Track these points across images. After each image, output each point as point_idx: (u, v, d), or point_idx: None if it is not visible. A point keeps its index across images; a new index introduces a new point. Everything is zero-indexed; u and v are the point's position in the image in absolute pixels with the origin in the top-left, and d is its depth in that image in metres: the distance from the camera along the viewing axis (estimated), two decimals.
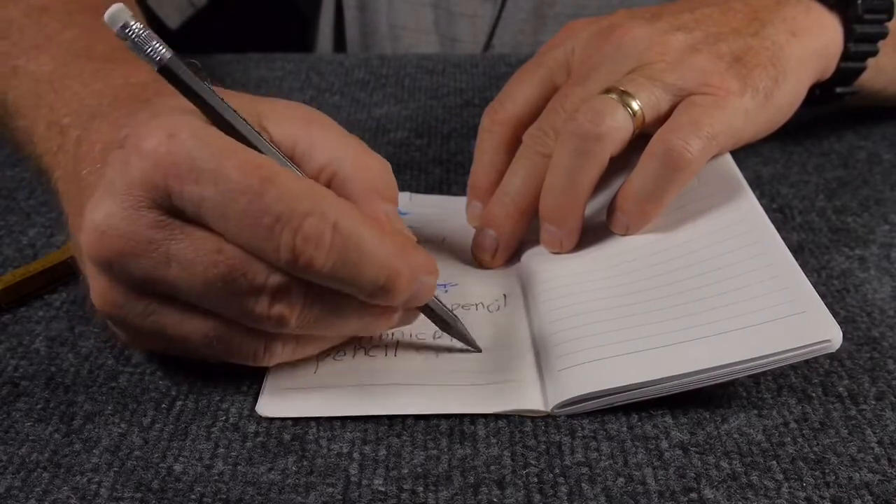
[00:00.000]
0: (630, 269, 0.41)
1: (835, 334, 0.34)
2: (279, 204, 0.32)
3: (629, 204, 0.42)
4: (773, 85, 0.45)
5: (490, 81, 0.66)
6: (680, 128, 0.42)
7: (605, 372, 0.36)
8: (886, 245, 0.47)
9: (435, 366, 0.38)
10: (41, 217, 0.49)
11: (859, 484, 0.33)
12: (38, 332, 0.40)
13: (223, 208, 0.32)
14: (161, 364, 0.38)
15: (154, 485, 0.33)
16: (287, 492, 0.33)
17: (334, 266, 0.32)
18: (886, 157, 0.56)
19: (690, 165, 0.41)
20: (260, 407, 0.36)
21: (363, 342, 0.39)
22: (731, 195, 0.43)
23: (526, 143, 0.44)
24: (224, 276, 0.33)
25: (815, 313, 0.35)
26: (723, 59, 0.44)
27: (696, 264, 0.40)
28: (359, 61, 0.70)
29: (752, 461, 0.34)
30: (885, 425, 0.36)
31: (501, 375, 0.37)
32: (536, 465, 0.34)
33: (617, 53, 0.45)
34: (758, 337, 0.35)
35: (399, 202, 0.47)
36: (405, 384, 0.37)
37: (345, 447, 0.34)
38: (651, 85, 0.43)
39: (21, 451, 0.34)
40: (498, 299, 0.42)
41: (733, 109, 0.43)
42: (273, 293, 0.33)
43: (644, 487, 0.33)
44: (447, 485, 0.33)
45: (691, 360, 0.35)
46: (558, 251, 0.44)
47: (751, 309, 0.36)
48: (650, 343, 0.37)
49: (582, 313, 0.39)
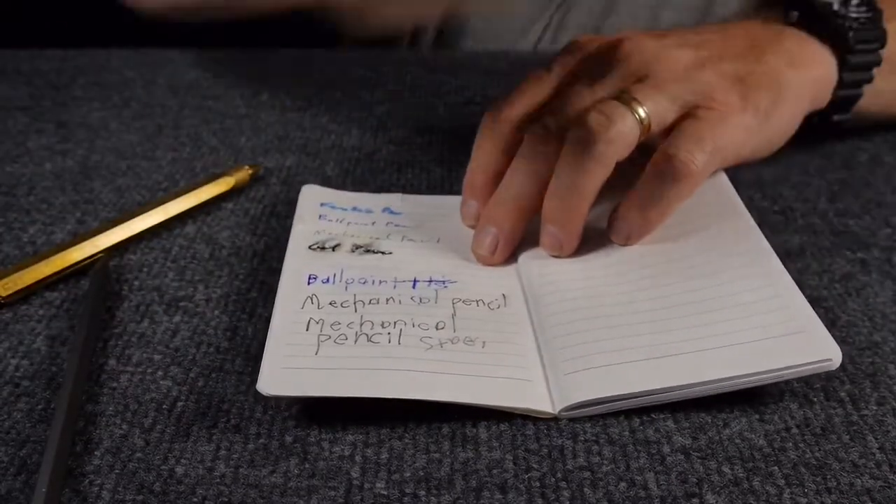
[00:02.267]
0: (631, 277, 0.42)
1: (835, 353, 0.36)
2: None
3: (633, 212, 0.43)
4: (772, 106, 0.46)
5: (491, 79, 0.66)
6: (685, 140, 0.42)
7: (613, 378, 0.36)
8: (888, 248, 0.47)
9: (437, 355, 0.38)
10: (41, 214, 0.49)
11: (861, 490, 0.33)
12: (39, 331, 0.40)
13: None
14: (162, 364, 0.38)
15: (156, 487, 0.33)
16: (289, 495, 0.32)
17: None
18: (888, 159, 0.56)
19: (694, 177, 0.42)
20: (260, 385, 0.35)
21: (364, 327, 0.39)
22: (727, 214, 0.45)
23: (528, 142, 0.44)
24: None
25: (815, 332, 0.37)
26: (727, 78, 0.45)
27: (696, 279, 0.41)
28: (360, 57, 0.70)
29: (754, 466, 0.34)
30: (886, 431, 0.36)
31: (507, 371, 0.37)
32: (538, 469, 0.34)
33: (626, 62, 0.46)
34: (762, 352, 0.36)
35: (391, 203, 0.49)
36: (406, 370, 0.37)
37: (347, 450, 0.34)
38: (659, 95, 0.44)
39: (21, 452, 0.34)
40: (497, 298, 0.42)
41: (735, 125, 0.44)
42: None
43: (646, 492, 0.33)
44: (449, 489, 0.33)
45: (696, 371, 0.36)
46: (558, 255, 0.44)
47: (754, 325, 0.37)
48: (657, 352, 0.37)
49: (586, 318, 0.39)
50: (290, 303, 0.40)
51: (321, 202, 0.48)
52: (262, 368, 0.36)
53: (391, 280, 0.42)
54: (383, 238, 0.46)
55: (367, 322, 0.39)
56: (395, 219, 0.48)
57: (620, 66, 0.46)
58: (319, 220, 0.47)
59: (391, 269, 0.43)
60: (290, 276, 0.42)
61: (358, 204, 0.49)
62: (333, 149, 0.57)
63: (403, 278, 0.42)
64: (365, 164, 0.54)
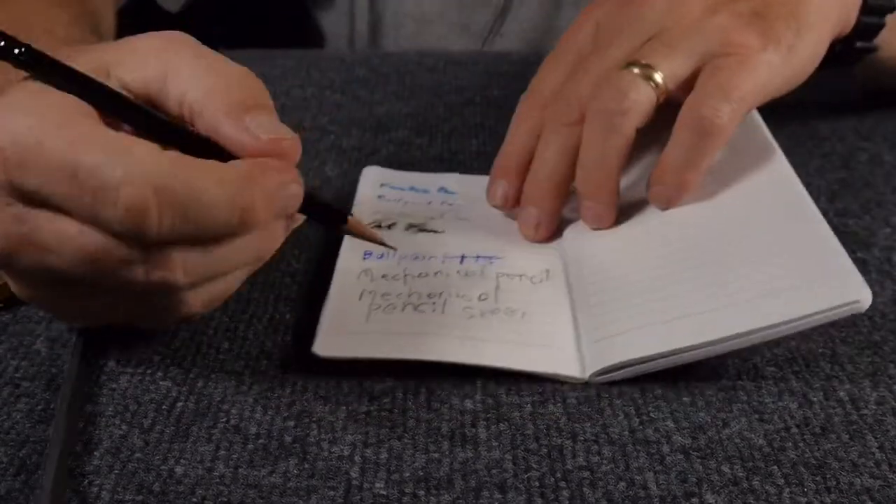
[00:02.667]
0: (666, 240, 0.43)
1: (864, 295, 0.36)
2: (92, 180, 0.31)
3: (668, 176, 0.43)
4: (794, 37, 0.45)
5: (492, 79, 0.66)
6: (708, 95, 0.42)
7: (645, 339, 0.37)
8: (888, 248, 0.47)
9: (478, 324, 0.40)
10: None
11: (860, 489, 0.33)
12: (39, 332, 0.40)
13: (52, 193, 0.31)
14: (161, 365, 0.38)
15: (155, 487, 0.33)
16: (288, 495, 0.32)
17: (174, 225, 0.31)
18: (888, 158, 0.56)
19: (722, 131, 0.42)
20: (317, 347, 0.38)
21: (412, 297, 0.41)
22: (761, 159, 0.44)
23: (550, 118, 0.45)
24: (91, 255, 0.32)
25: (846, 275, 0.37)
26: (742, 17, 0.44)
27: (730, 232, 0.41)
28: (360, 58, 0.70)
29: (754, 466, 0.34)
30: (886, 430, 0.36)
31: (540, 339, 0.39)
32: (538, 468, 0.34)
33: (636, 21, 0.45)
34: (790, 300, 0.36)
35: (447, 183, 0.51)
36: (449, 336, 0.39)
37: (346, 450, 0.34)
38: (671, 53, 0.43)
39: (21, 452, 0.34)
40: (540, 273, 0.43)
41: (757, 67, 0.43)
42: (144, 261, 0.32)
43: (645, 492, 0.33)
44: (448, 488, 0.33)
45: (727, 326, 0.36)
46: (598, 227, 0.45)
47: (784, 273, 0.38)
48: (687, 310, 0.38)
49: (621, 286, 0.41)
50: (347, 276, 0.43)
51: (381, 183, 0.51)
52: (318, 333, 0.39)
53: (440, 256, 0.44)
54: (437, 217, 0.48)
55: (414, 293, 0.41)
56: (450, 198, 0.50)
57: (633, 25, 0.45)
58: (378, 201, 0.49)
59: (441, 245, 0.45)
60: (347, 252, 0.44)
61: (415, 184, 0.51)
62: (333, 149, 0.57)
63: (452, 254, 0.44)
64: (365, 164, 0.54)
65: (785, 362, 0.39)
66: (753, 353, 0.39)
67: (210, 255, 0.34)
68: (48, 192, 0.32)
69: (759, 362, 0.39)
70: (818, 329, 0.41)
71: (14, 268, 0.34)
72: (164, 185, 0.31)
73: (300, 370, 0.38)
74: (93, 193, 0.31)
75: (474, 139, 0.58)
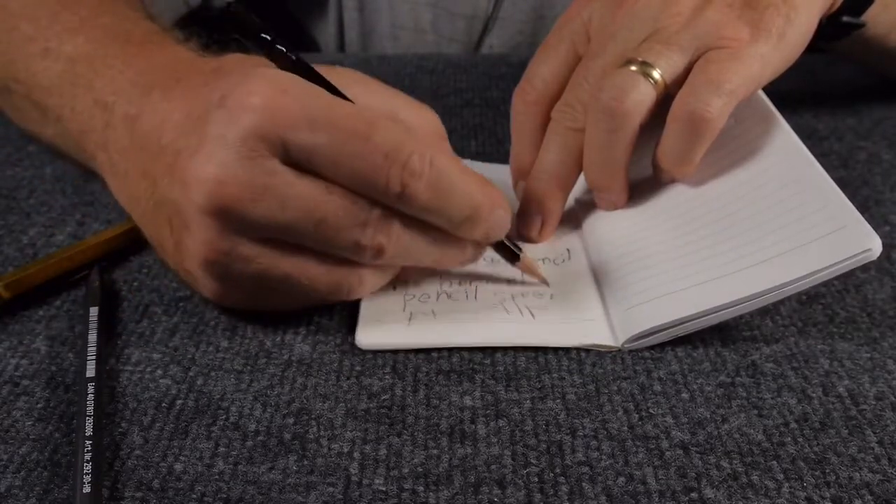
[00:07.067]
0: (682, 210, 0.44)
1: (875, 244, 0.37)
2: (387, 144, 0.36)
3: (665, 164, 0.45)
4: (785, 23, 0.45)
5: (490, 81, 0.66)
6: (698, 88, 0.42)
7: (672, 304, 0.39)
8: (887, 246, 0.47)
9: (511, 306, 0.42)
10: (41, 216, 0.49)
11: (860, 484, 0.33)
12: (39, 331, 0.40)
13: (336, 153, 0.36)
14: (161, 363, 0.38)
15: (154, 484, 0.33)
16: (287, 491, 0.33)
17: (430, 197, 0.37)
18: (886, 157, 0.56)
19: (712, 123, 0.42)
20: (359, 338, 0.40)
21: (444, 286, 0.43)
22: (766, 128, 0.45)
23: (555, 119, 0.46)
24: (333, 213, 0.36)
25: (855, 226, 0.38)
26: (733, 8, 0.44)
27: (742, 197, 0.43)
28: (358, 61, 0.70)
29: (753, 461, 0.34)
30: (885, 425, 0.36)
31: (570, 315, 0.41)
32: (537, 464, 0.34)
33: (632, 20, 0.46)
34: (804, 256, 0.38)
35: None
36: (487, 320, 0.41)
37: (345, 446, 0.34)
38: (668, 50, 0.43)
39: (21, 450, 0.34)
40: (563, 254, 0.45)
41: (748, 58, 0.43)
42: (375, 225, 0.37)
43: (645, 487, 0.33)
44: (448, 484, 0.33)
45: (747, 285, 0.38)
46: (614, 209, 0.47)
47: (796, 231, 0.39)
48: (708, 275, 0.40)
49: (644, 257, 0.43)
50: None
51: None
52: (359, 326, 0.40)
53: None
54: None
55: (445, 282, 0.43)
56: None
57: (628, 24, 0.46)
58: None
59: None
60: None
61: None
62: None
63: None
64: None
65: (783, 358, 0.39)
66: (752, 350, 0.39)
67: (416, 240, 0.39)
68: (330, 151, 0.36)
69: (757, 358, 0.39)
70: (817, 325, 0.41)
71: (237, 218, 0.36)
72: (437, 162, 0.37)
73: (299, 367, 0.38)
74: (384, 155, 0.36)
75: (473, 140, 0.58)
